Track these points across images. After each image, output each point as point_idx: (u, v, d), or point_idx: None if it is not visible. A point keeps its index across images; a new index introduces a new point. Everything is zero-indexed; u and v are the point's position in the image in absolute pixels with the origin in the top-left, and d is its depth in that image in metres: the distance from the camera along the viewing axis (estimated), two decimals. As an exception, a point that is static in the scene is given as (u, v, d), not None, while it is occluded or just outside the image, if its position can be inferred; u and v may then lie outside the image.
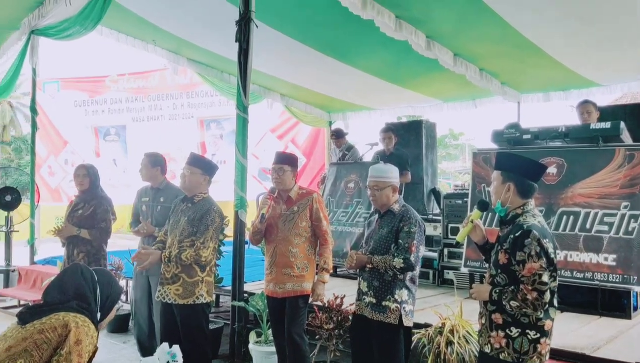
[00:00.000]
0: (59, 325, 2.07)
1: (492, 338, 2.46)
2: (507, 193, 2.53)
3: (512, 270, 2.41)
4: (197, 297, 3.58)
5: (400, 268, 3.11)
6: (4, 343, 2.08)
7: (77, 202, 4.69)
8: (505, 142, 4.71)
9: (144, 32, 7.00)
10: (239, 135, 4.72)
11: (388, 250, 3.19)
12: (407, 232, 3.16)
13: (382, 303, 3.15)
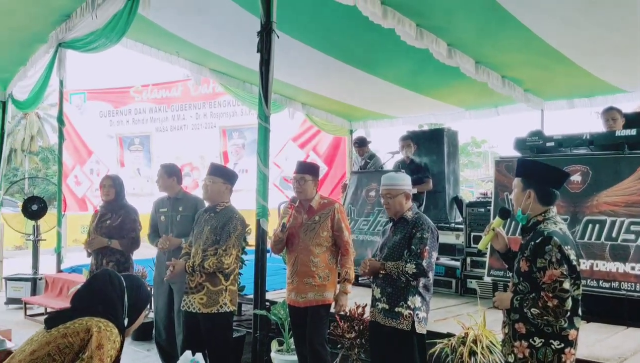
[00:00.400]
0: (82, 329, 2.09)
1: (516, 348, 2.43)
2: (528, 201, 2.51)
3: (533, 277, 2.38)
4: (220, 305, 3.62)
5: (413, 273, 3.12)
6: (29, 346, 2.11)
7: (104, 212, 4.78)
8: (528, 150, 4.67)
9: (167, 43, 7.13)
10: (261, 145, 4.75)
11: (401, 257, 3.21)
12: (420, 238, 3.19)
13: (394, 309, 3.17)
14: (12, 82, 7.61)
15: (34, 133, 35.39)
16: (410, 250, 3.18)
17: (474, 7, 5.00)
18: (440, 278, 5.55)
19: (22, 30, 6.39)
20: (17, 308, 7.04)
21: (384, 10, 4.86)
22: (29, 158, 36.35)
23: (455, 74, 6.22)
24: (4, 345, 3.66)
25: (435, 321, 4.02)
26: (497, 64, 6.34)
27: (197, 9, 5.81)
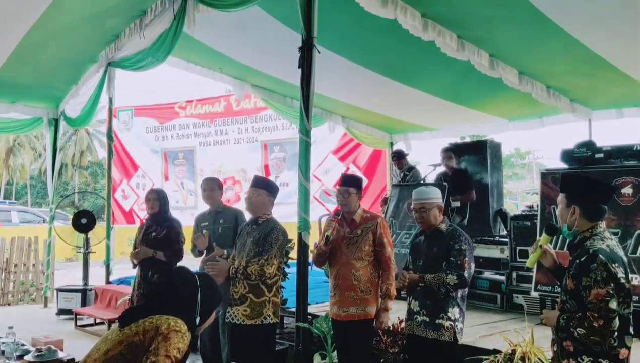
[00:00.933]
0: (152, 327, 2.10)
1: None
2: (573, 217, 2.44)
3: (580, 296, 2.31)
4: (264, 317, 3.65)
5: (454, 284, 3.14)
6: (104, 345, 2.15)
7: (149, 225, 4.91)
8: (575, 162, 4.54)
9: (211, 60, 7.32)
10: (302, 159, 4.79)
11: (439, 269, 3.21)
12: (458, 249, 3.20)
13: (435, 321, 3.18)
14: (64, 100, 7.95)
15: (84, 148, 36.77)
16: (450, 262, 3.20)
17: (516, 17, 4.93)
18: (485, 292, 5.44)
19: (74, 51, 6.69)
20: (67, 319, 7.27)
21: (424, 22, 4.85)
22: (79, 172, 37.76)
23: (498, 84, 6.13)
24: (56, 355, 3.79)
25: (480, 337, 3.94)
26: (541, 73, 6.21)
27: (239, 26, 5.95)
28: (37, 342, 4.14)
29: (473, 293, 5.58)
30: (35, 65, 6.75)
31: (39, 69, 6.93)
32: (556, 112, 7.55)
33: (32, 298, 8.81)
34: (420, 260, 3.37)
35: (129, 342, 2.09)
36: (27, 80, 7.17)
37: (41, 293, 8.64)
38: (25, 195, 38.88)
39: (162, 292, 2.28)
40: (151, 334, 2.09)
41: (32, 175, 38.33)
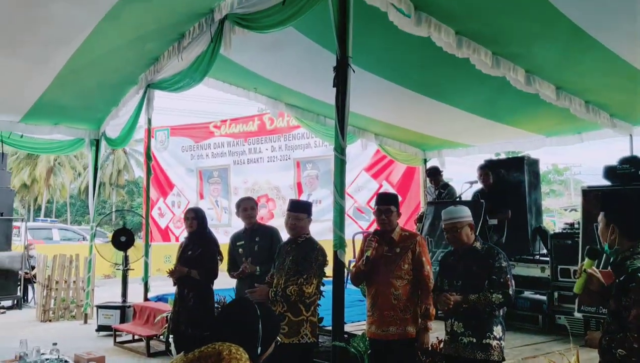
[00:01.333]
0: (214, 353, 2.11)
1: None
2: (612, 236, 2.43)
3: (622, 316, 2.26)
4: (302, 336, 3.65)
5: (500, 303, 3.11)
6: None
7: (187, 243, 5.00)
8: (618, 179, 4.43)
9: (246, 80, 7.45)
10: (337, 177, 4.80)
11: (480, 288, 3.16)
12: (499, 267, 3.17)
13: (483, 341, 3.13)
14: (105, 121, 8.20)
15: (121, 167, 37.75)
16: (492, 280, 3.16)
17: (553, 32, 4.87)
18: (526, 313, 5.30)
19: (115, 74, 6.92)
20: (107, 335, 7.39)
21: (459, 40, 4.84)
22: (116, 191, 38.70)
23: (535, 100, 6.05)
24: (98, 371, 3.86)
25: (523, 358, 3.85)
26: (579, 89, 6.10)
27: (274, 46, 6.05)
28: (80, 359, 4.23)
29: (513, 313, 5.44)
30: (78, 88, 7.00)
31: (81, 91, 7.17)
32: (596, 127, 7.39)
33: (72, 315, 9.00)
34: (459, 280, 3.30)
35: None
36: (70, 102, 7.43)
37: (81, 310, 8.82)
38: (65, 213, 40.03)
39: (222, 320, 2.30)
40: (213, 359, 2.10)
41: (71, 193, 39.47)
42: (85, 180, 36.09)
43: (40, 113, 7.54)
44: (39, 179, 35.07)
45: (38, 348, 3.93)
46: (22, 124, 7.79)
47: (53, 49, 5.84)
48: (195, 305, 4.83)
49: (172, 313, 5.00)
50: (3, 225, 10.33)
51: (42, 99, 7.04)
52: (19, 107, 7.29)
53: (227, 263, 4.91)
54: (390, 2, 4.29)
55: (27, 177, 34.53)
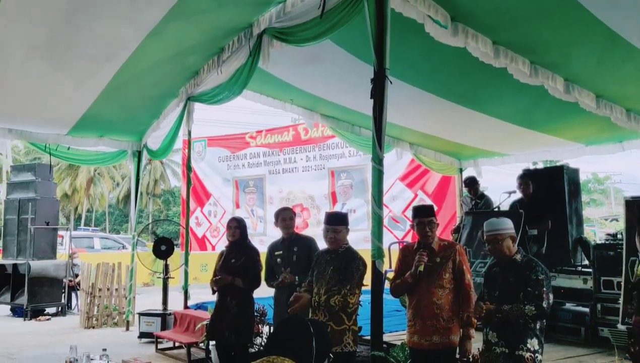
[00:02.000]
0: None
1: None
2: None
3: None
4: (344, 345, 3.71)
5: (533, 315, 3.10)
6: None
7: (229, 252, 5.10)
8: (664, 188, 4.34)
9: (282, 92, 7.59)
10: (375, 187, 4.84)
11: (516, 300, 3.17)
12: (536, 280, 3.17)
13: (515, 352, 3.14)
14: (146, 133, 8.45)
15: (157, 177, 38.60)
16: (527, 292, 3.16)
17: (592, 40, 4.83)
18: (567, 325, 5.22)
19: (157, 87, 7.14)
20: (148, 342, 7.58)
21: (496, 49, 4.84)
22: (153, 200, 39.56)
23: (573, 109, 5.97)
24: (145, 376, 3.98)
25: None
26: (620, 97, 6.00)
27: (311, 59, 6.16)
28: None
29: (554, 325, 5.37)
30: (121, 102, 7.25)
31: (125, 105, 7.43)
32: (637, 136, 7.23)
33: (114, 322, 9.26)
34: (496, 291, 3.34)
35: None
36: (114, 115, 7.69)
37: (123, 317, 9.07)
38: (103, 222, 41.10)
39: (278, 336, 2.38)
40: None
41: (110, 203, 40.53)
42: (124, 190, 37.05)
43: (86, 126, 7.82)
44: (79, 188, 36.19)
45: (88, 353, 4.08)
46: (69, 136, 8.09)
47: (100, 65, 6.08)
48: (238, 313, 4.92)
49: (212, 321, 5.10)
50: (49, 234, 10.73)
51: (88, 112, 7.31)
52: (67, 120, 7.59)
53: (265, 273, 5.00)
54: (427, 13, 4.34)
55: (68, 187, 35.66)
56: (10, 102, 6.84)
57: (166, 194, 41.21)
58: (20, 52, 5.66)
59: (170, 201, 41.30)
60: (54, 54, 5.80)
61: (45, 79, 6.32)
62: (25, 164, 14.28)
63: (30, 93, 6.67)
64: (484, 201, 7.00)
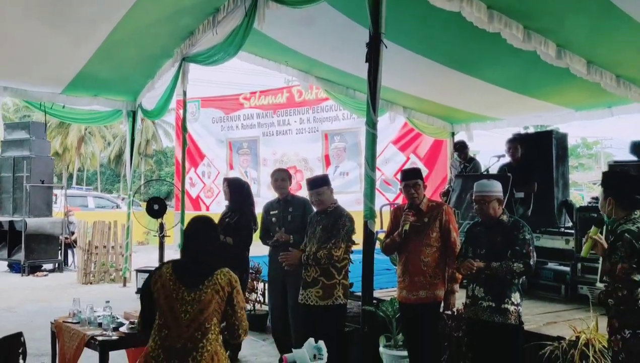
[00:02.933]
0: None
1: (613, 343, 2.72)
2: (609, 207, 2.92)
3: (613, 272, 2.74)
4: (335, 298, 3.92)
5: (521, 272, 3.34)
6: (190, 307, 2.59)
7: (226, 211, 5.27)
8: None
9: (277, 53, 7.60)
10: (368, 150, 4.99)
11: (504, 257, 3.37)
12: (523, 239, 3.40)
13: (501, 306, 3.36)
14: (141, 93, 8.47)
15: (149, 137, 38.36)
16: (515, 250, 3.36)
17: (585, 7, 4.91)
18: (549, 283, 5.47)
19: (152, 47, 7.13)
20: (145, 297, 7.81)
21: (490, 14, 4.90)
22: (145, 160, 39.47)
23: (565, 74, 6.06)
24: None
25: (544, 324, 4.04)
26: (610, 63, 6.09)
27: (306, 21, 6.16)
28: (130, 316, 4.55)
29: (537, 283, 5.61)
30: (116, 61, 7.25)
31: (119, 64, 7.43)
32: (626, 101, 7.35)
33: (111, 278, 9.49)
34: (482, 249, 3.51)
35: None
36: (108, 75, 7.70)
37: (120, 274, 9.28)
38: (95, 182, 41.05)
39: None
40: (228, 289, 2.55)
41: (101, 162, 40.38)
42: (115, 149, 36.88)
43: (80, 85, 7.84)
44: (70, 147, 35.96)
45: (91, 305, 4.27)
46: (63, 95, 8.10)
47: (94, 24, 6.07)
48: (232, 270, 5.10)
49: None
50: (44, 192, 10.84)
51: (83, 71, 7.31)
52: (61, 79, 7.59)
53: (260, 231, 5.15)
54: (423, -22, 4.38)
55: (59, 146, 35.42)
56: (6, 60, 6.84)
57: (158, 154, 41.06)
58: (15, 11, 5.65)
59: (162, 161, 41.21)
60: (49, 13, 5.78)
61: (40, 38, 6.31)
62: (19, 122, 14.25)
63: (25, 52, 6.66)
64: (472, 165, 7.16)
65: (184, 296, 2.49)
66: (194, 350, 2.44)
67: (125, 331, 4.01)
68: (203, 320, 2.47)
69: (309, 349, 2.88)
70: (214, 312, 2.50)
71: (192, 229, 2.72)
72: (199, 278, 2.52)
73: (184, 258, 2.66)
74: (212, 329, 2.50)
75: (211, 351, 2.48)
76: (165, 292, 2.51)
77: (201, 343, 2.45)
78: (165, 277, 2.56)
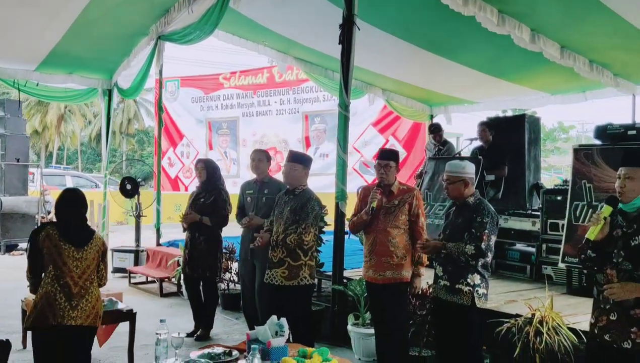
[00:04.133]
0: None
1: (633, 334, 2.53)
2: None
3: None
4: (300, 279, 3.97)
5: (472, 254, 3.32)
6: (81, 263, 3.21)
7: (199, 192, 5.29)
8: (609, 138, 4.61)
9: (255, 33, 7.55)
10: (340, 132, 5.03)
11: (462, 239, 3.40)
12: (480, 222, 3.37)
13: (455, 286, 3.40)
14: (117, 71, 8.37)
15: (131, 116, 37.90)
16: (471, 233, 3.36)
17: (557, -9, 4.95)
18: (516, 263, 5.61)
19: (127, 25, 7.04)
20: (122, 277, 7.83)
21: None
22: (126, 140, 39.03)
23: (540, 58, 6.12)
24: (117, 306, 4.22)
25: (505, 302, 4.16)
26: (583, 48, 6.16)
27: (284, 1, 6.14)
28: (100, 294, 4.58)
29: (504, 263, 5.76)
30: (90, 38, 7.14)
31: (94, 42, 7.32)
32: (599, 86, 7.47)
33: (88, 257, 9.43)
34: (448, 229, 3.58)
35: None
36: (83, 52, 7.59)
37: (97, 253, 9.24)
38: (76, 161, 40.52)
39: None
40: (103, 248, 3.33)
41: (82, 141, 39.83)
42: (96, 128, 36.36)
43: (54, 62, 7.72)
44: (49, 125, 35.40)
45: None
46: (37, 72, 7.98)
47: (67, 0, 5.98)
48: (206, 249, 5.17)
49: (186, 255, 5.32)
50: (19, 171, 10.71)
51: (57, 48, 7.20)
52: (35, 56, 7.47)
53: (237, 210, 5.18)
54: (396, -40, 4.38)
55: (38, 124, 34.83)
56: (-23, 37, 6.71)
57: (140, 134, 40.61)
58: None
59: (144, 141, 40.77)
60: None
61: (13, 14, 6.20)
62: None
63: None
64: (447, 147, 7.24)
65: (74, 254, 3.16)
66: (86, 294, 3.18)
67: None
68: (90, 272, 3.21)
69: (271, 326, 2.95)
70: (95, 265, 3.25)
71: (70, 199, 3.29)
72: (84, 239, 3.22)
73: (68, 223, 3.22)
74: (94, 278, 3.25)
75: (96, 294, 3.25)
76: (58, 250, 3.12)
77: (90, 288, 3.20)
78: (54, 238, 3.13)
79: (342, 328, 4.79)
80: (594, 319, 2.71)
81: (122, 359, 4.38)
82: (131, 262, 7.85)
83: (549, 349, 3.29)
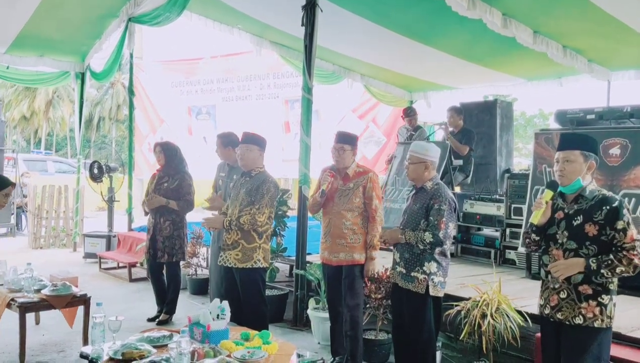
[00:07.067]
0: None
1: (584, 309, 2.58)
2: (591, 171, 2.68)
3: (602, 240, 2.55)
4: (254, 261, 3.93)
5: (430, 242, 3.28)
6: None
7: (162, 176, 5.22)
8: (569, 123, 4.60)
9: (229, 16, 7.44)
10: (304, 115, 4.99)
11: (418, 225, 3.36)
12: (437, 209, 3.31)
13: (411, 273, 3.37)
14: (89, 54, 8.25)
15: (120, 102, 37.54)
16: (429, 221, 3.31)
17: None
18: (480, 248, 5.61)
19: (95, 6, 6.93)
20: (93, 262, 7.78)
21: (432, -21, 4.86)
22: (116, 125, 38.74)
23: (513, 43, 6.06)
24: (70, 290, 4.16)
25: (461, 286, 4.15)
26: (557, 33, 6.11)
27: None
28: (54, 279, 4.54)
29: (469, 248, 5.76)
30: (59, 20, 7.02)
31: (63, 23, 7.20)
32: (574, 72, 7.44)
33: (62, 243, 9.39)
34: (406, 213, 3.54)
35: None
36: (53, 34, 7.46)
37: (71, 239, 9.19)
38: (65, 147, 40.22)
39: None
40: None
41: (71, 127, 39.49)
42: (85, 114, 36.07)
43: (24, 44, 7.59)
44: (38, 111, 35.06)
45: (15, 268, 4.23)
46: (7, 55, 7.84)
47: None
48: (171, 233, 5.12)
49: (148, 241, 5.26)
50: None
51: (25, 30, 7.08)
52: (3, 38, 7.34)
53: (212, 189, 5.11)
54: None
55: (26, 110, 34.51)
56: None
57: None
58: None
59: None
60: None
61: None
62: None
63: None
64: (418, 132, 7.21)
65: None
66: None
67: (47, 293, 4.00)
68: None
69: (213, 309, 2.92)
70: None
71: None
72: None
73: None
74: None
75: None
76: None
77: None
78: None
79: (304, 312, 4.78)
80: (543, 300, 2.75)
81: (80, 343, 4.34)
82: (103, 247, 7.80)
83: (497, 331, 3.30)
